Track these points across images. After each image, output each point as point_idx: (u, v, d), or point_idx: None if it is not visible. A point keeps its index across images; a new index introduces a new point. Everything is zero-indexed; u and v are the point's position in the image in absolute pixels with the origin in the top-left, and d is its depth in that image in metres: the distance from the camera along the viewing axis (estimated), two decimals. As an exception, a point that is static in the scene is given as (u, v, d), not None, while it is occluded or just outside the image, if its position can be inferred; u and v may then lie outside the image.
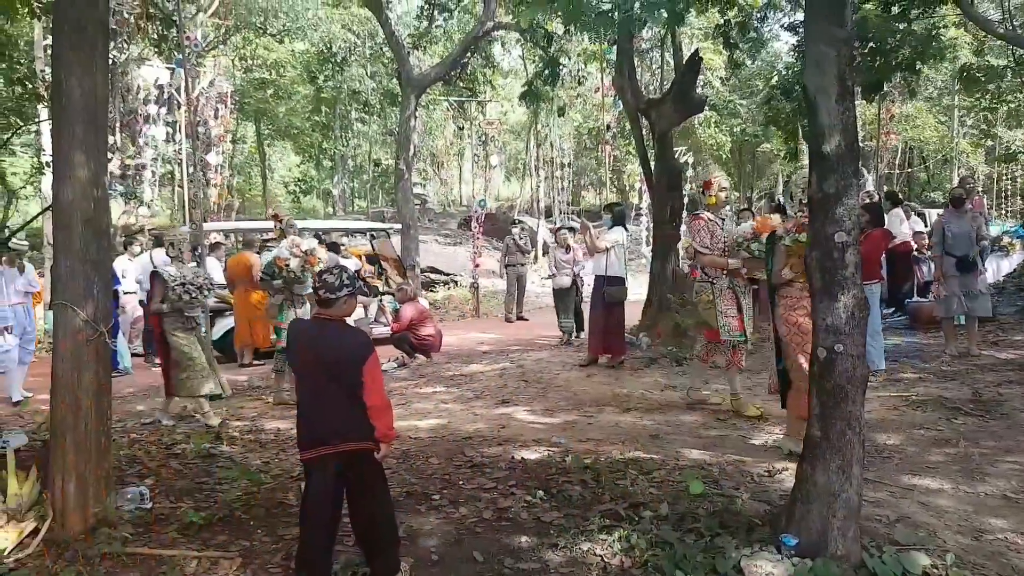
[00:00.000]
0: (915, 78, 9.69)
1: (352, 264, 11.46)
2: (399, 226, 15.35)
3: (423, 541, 3.72)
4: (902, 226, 10.76)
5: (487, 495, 4.31)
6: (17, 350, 7.86)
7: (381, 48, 24.20)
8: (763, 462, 4.82)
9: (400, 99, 18.45)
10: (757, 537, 3.39)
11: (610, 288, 8.43)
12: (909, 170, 31.06)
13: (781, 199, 11.40)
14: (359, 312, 10.92)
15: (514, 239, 13.96)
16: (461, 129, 30.07)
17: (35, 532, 3.66)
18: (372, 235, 13.29)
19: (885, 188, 17.71)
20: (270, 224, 8.39)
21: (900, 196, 11.49)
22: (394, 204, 21.44)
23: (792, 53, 11.97)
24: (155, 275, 6.56)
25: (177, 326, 6.50)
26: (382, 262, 12.69)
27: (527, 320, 14.00)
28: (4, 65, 5.60)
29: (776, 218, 5.51)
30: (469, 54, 18.67)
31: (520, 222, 16.74)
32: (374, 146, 32.15)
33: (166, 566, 3.48)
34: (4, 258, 7.71)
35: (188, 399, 6.59)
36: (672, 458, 4.95)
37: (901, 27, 7.18)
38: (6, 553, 3.46)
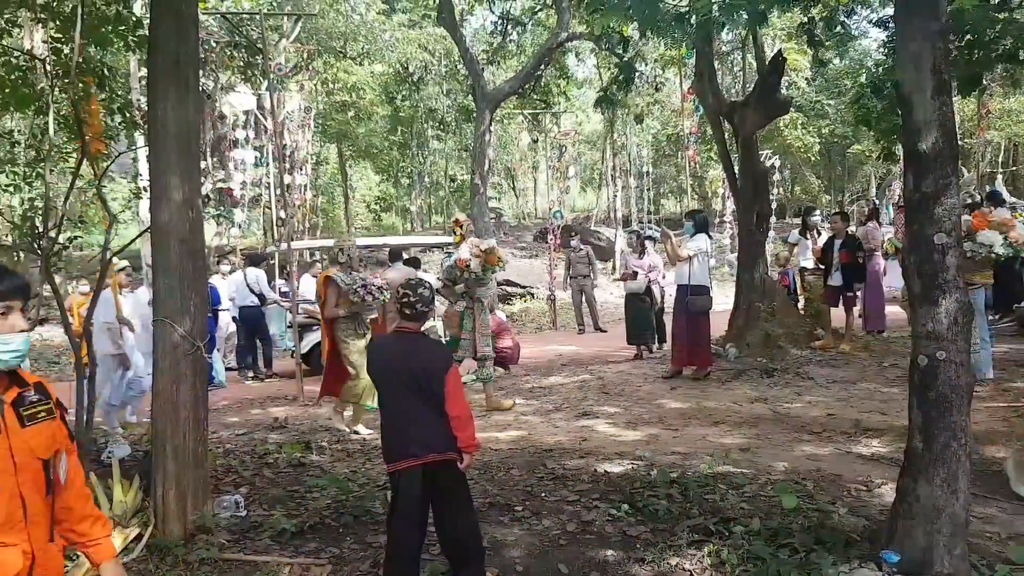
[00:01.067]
0: (1018, 70, 9.12)
1: (432, 279, 11.62)
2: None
3: (507, 552, 3.72)
4: None
5: (570, 507, 4.27)
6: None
7: (456, 65, 24.62)
8: (861, 476, 4.61)
9: (475, 115, 18.68)
10: (855, 553, 3.24)
11: (694, 298, 8.18)
12: (1013, 168, 29.32)
13: (876, 202, 10.99)
14: (439, 326, 11.05)
15: (573, 252, 13.89)
16: (535, 141, 30.19)
17: (139, 538, 3.83)
18: (447, 251, 13.48)
19: (987, 187, 16.78)
20: (360, 241, 8.49)
21: (1003, 196, 10.82)
22: (470, 219, 21.67)
23: (882, 49, 11.50)
24: (329, 280, 6.61)
25: (350, 332, 6.54)
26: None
27: (605, 332, 13.82)
28: (104, 96, 5.93)
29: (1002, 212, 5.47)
30: (543, 66, 18.77)
31: (576, 234, 16.55)
32: (450, 162, 32.65)
33: (260, 572, 3.59)
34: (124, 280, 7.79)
35: (350, 402, 6.64)
36: (763, 472, 4.79)
37: (1001, 17, 6.78)
38: None
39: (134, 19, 5.71)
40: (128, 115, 6.06)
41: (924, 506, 3.02)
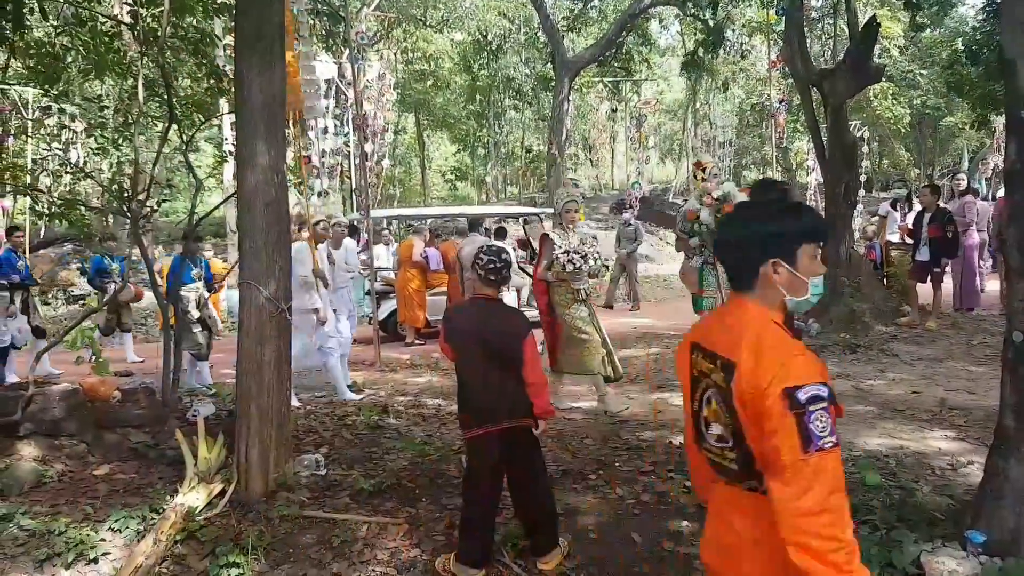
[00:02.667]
0: None
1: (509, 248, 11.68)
2: (551, 211, 15.45)
3: (581, 519, 3.76)
4: None
5: (644, 478, 4.28)
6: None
7: (535, 33, 24.42)
8: (946, 455, 4.47)
9: (553, 83, 18.54)
10: (939, 532, 3.16)
11: None
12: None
13: (964, 176, 10.43)
14: (511, 296, 11.12)
15: (623, 226, 13.74)
16: (615, 111, 29.76)
17: (222, 493, 3.95)
18: (525, 220, 13.50)
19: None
20: (432, 211, 8.48)
21: None
22: (545, 189, 21.64)
23: (980, 16, 10.86)
24: (545, 239, 6.08)
25: (568, 298, 5.99)
26: (535, 246, 12.84)
27: (638, 308, 13.62)
28: (194, 62, 6.04)
29: None
30: (625, 33, 18.44)
31: (630, 208, 16.22)
32: (526, 132, 32.54)
33: (339, 529, 3.70)
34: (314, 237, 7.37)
35: (581, 375, 6.20)
36: (845, 448, 4.68)
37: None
38: (197, 511, 3.76)
39: None
40: (218, 81, 6.16)
41: (1015, 486, 2.92)
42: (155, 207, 5.96)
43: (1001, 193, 9.06)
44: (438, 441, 5.19)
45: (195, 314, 7.28)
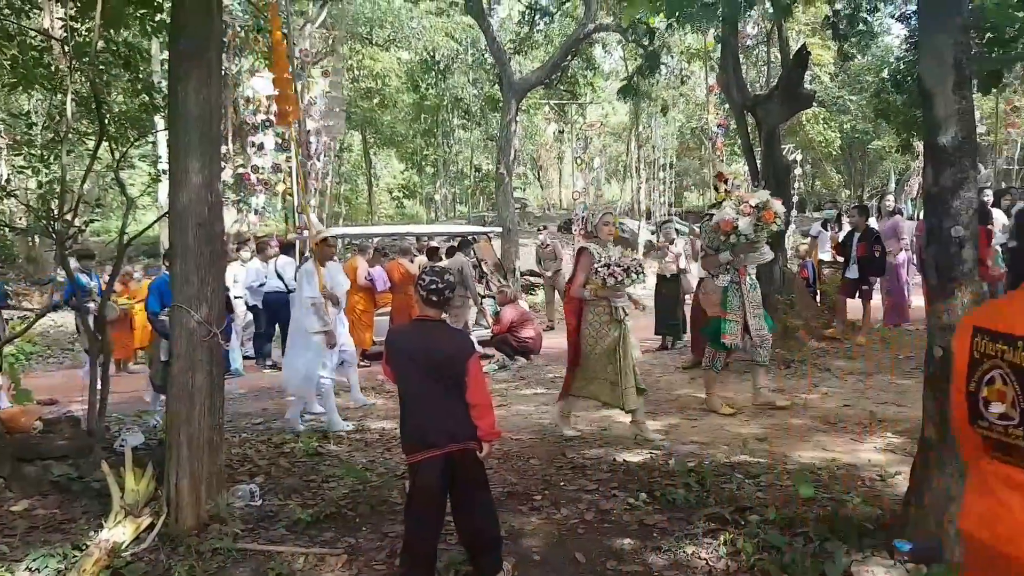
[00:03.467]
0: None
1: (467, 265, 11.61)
2: (499, 229, 15.53)
3: (525, 541, 3.75)
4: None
5: (589, 496, 4.31)
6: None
7: (483, 55, 24.65)
8: (875, 466, 4.64)
9: (501, 104, 18.73)
10: (869, 543, 3.29)
11: None
12: (1029, 165, 28.91)
13: (890, 200, 10.89)
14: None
15: (540, 248, 13.88)
16: (561, 132, 30.16)
17: (151, 527, 3.82)
18: (473, 239, 13.54)
19: (1003, 184, 16.59)
20: (378, 229, 8.41)
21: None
22: (495, 208, 21.78)
23: (903, 45, 11.45)
24: (583, 253, 5.70)
25: (604, 319, 5.59)
26: (483, 265, 12.91)
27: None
28: (128, 77, 5.91)
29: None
30: (570, 57, 18.75)
31: (546, 227, 16.42)
32: (475, 151, 32.71)
33: (275, 562, 3.59)
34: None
35: (592, 400, 5.94)
36: (780, 461, 4.83)
37: (1021, 15, 6.72)
38: (124, 547, 3.62)
39: (156, 2, 5.64)
40: (151, 97, 6.03)
41: (937, 495, 3.06)
42: (82, 227, 5.75)
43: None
44: (381, 467, 5.12)
45: None
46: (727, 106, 16.09)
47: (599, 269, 5.47)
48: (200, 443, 3.97)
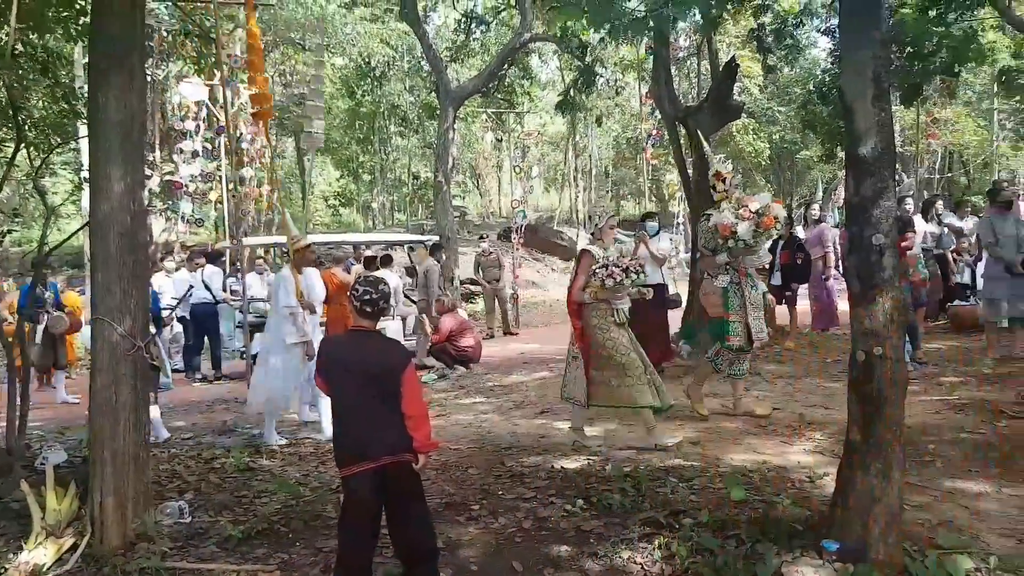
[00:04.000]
0: (954, 81, 9.54)
1: (394, 279, 11.57)
2: (438, 238, 15.45)
3: (462, 552, 3.73)
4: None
5: (527, 505, 4.31)
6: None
7: (419, 62, 24.54)
8: (804, 468, 4.77)
9: (438, 112, 18.66)
10: (798, 543, 3.36)
11: (672, 295, 8.57)
12: (949, 175, 30.43)
13: (819, 207, 11.26)
14: (396, 325, 11.02)
15: (482, 256, 14.03)
16: (500, 141, 30.27)
17: (74, 548, 3.69)
18: (410, 247, 13.44)
19: (926, 193, 17.38)
20: (314, 238, 8.23)
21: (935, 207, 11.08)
22: (433, 216, 21.68)
23: (830, 59, 11.89)
24: (585, 255, 5.56)
25: (609, 320, 5.42)
26: (420, 273, 12.80)
27: (516, 335, 13.97)
28: (47, 82, 5.71)
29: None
30: (506, 66, 18.81)
31: (487, 235, 16.60)
32: (413, 159, 32.53)
33: None
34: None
35: (618, 410, 5.65)
36: (713, 465, 4.92)
37: (939, 30, 7.07)
38: (45, 569, 3.50)
39: (78, 6, 5.49)
40: (71, 103, 5.84)
41: (861, 496, 3.15)
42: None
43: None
44: (315, 481, 5.03)
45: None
46: (659, 117, 16.45)
47: (597, 271, 5.35)
48: (125, 460, 3.86)
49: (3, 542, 3.88)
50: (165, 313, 9.89)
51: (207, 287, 10.33)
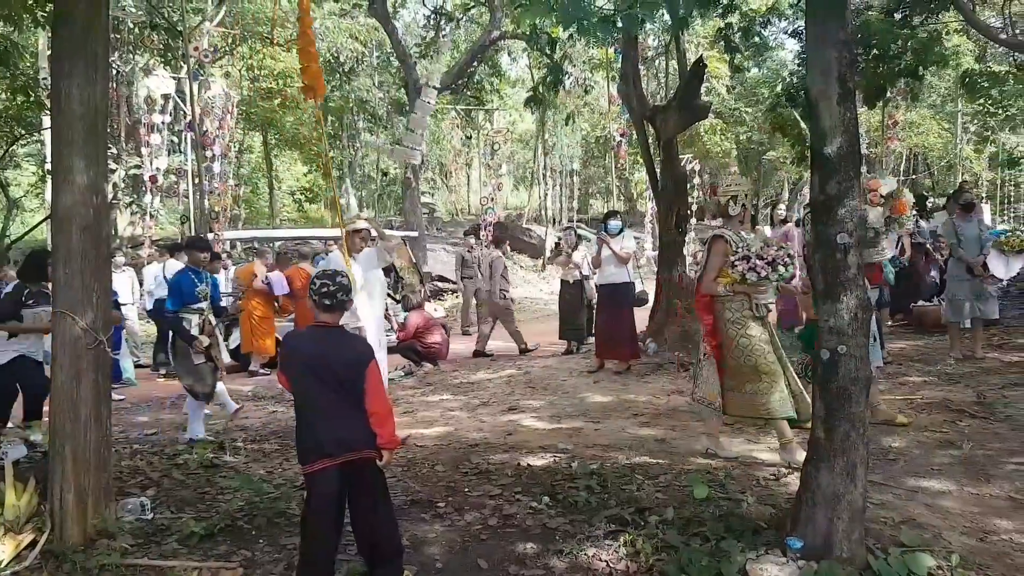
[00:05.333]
0: (918, 84, 9.73)
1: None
2: (414, 233, 15.37)
3: (427, 549, 3.70)
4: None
5: (492, 502, 4.29)
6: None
7: (388, 58, 24.40)
8: (770, 466, 4.80)
9: (407, 108, 18.57)
10: (763, 540, 3.37)
11: (639, 292, 8.56)
12: (913, 176, 31.12)
13: (782, 208, 11.40)
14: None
15: (467, 252, 14.00)
16: (469, 138, 30.19)
17: (33, 544, 3.63)
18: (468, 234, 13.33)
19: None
20: (281, 233, 8.13)
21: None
22: (403, 213, 21.57)
23: (797, 60, 12.05)
24: (717, 241, 4.88)
25: (744, 315, 4.76)
26: (397, 268, 12.70)
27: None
28: (8, 74, 5.61)
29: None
30: (476, 63, 18.79)
31: (470, 234, 16.54)
32: (382, 155, 32.29)
33: None
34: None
35: (752, 419, 4.98)
36: (678, 463, 4.93)
37: (904, 33, 7.20)
38: (3, 566, 3.45)
39: None
40: (34, 95, 5.76)
41: (825, 493, 3.17)
42: None
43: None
44: (279, 478, 4.96)
45: (204, 342, 6.12)
46: (627, 116, 16.53)
47: (736, 263, 4.64)
48: (86, 456, 3.81)
49: (-42, 539, 3.76)
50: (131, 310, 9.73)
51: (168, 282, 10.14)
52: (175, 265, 10.22)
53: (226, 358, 7.54)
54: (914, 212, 5.51)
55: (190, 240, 6.67)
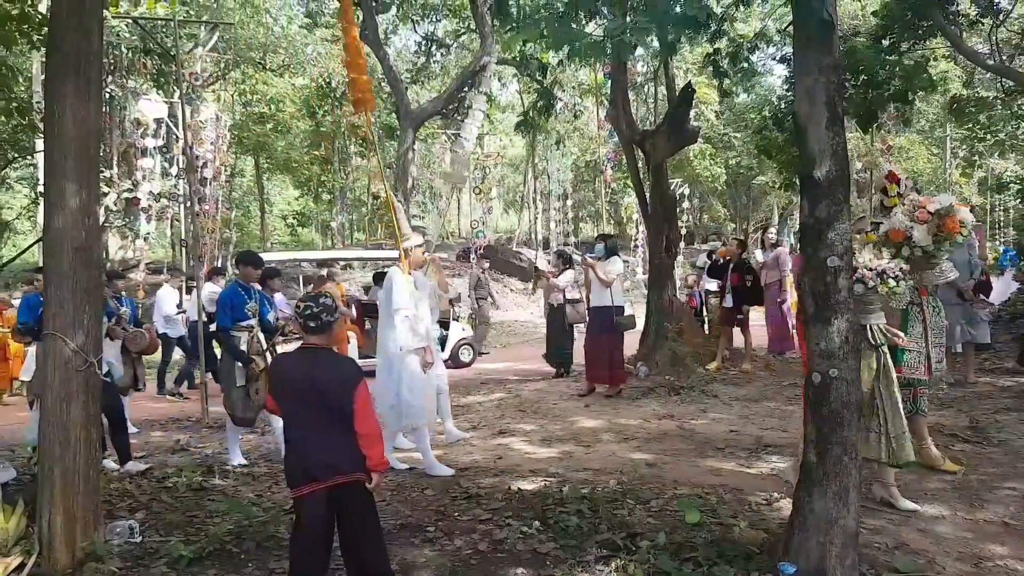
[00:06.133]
0: (907, 108, 9.86)
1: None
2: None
3: (416, 574, 3.66)
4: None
5: (483, 526, 4.25)
6: None
7: (380, 83, 24.51)
8: (762, 490, 4.77)
9: (398, 133, 18.63)
10: (755, 566, 3.35)
11: (621, 318, 8.49)
12: (903, 200, 31.40)
13: (772, 232, 11.47)
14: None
15: (479, 277, 14.09)
16: (459, 162, 30.25)
17: (21, 567, 3.61)
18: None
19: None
20: (273, 256, 7.99)
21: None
22: (392, 237, 21.56)
23: (785, 86, 12.19)
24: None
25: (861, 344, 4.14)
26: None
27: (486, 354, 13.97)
28: (2, 97, 5.61)
29: None
30: (466, 88, 18.89)
31: (486, 258, 16.61)
32: (372, 179, 32.34)
33: None
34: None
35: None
36: (670, 487, 4.90)
37: (891, 59, 7.29)
38: None
39: (39, 17, 5.46)
40: (27, 118, 5.76)
41: (818, 518, 3.15)
42: None
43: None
44: (268, 501, 4.91)
45: (259, 365, 5.84)
46: (616, 140, 16.65)
47: (857, 282, 4.18)
48: (75, 478, 3.80)
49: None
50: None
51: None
52: (213, 288, 9.94)
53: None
54: None
55: (241, 255, 6.52)
